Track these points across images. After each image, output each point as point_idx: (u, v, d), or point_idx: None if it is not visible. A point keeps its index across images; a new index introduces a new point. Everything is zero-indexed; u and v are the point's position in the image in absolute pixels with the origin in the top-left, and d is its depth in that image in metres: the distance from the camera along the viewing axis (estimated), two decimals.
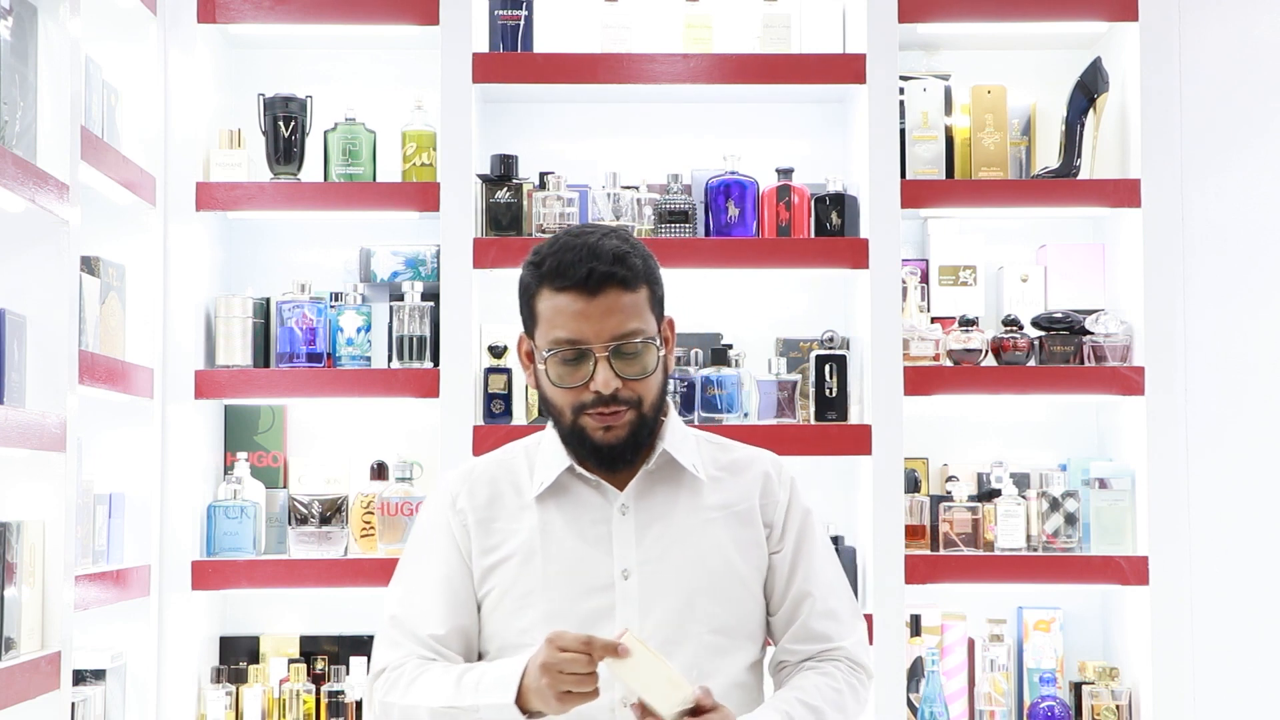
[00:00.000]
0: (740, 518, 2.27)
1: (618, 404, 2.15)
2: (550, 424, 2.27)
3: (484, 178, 3.59)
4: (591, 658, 1.98)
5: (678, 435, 2.27)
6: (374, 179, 3.66)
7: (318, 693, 3.55)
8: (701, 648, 2.19)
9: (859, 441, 3.54)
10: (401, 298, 3.59)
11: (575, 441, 2.20)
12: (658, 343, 2.19)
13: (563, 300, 2.15)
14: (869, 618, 3.43)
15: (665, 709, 2.00)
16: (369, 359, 3.61)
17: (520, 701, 2.06)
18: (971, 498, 3.64)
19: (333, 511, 3.57)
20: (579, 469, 2.23)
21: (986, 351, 3.61)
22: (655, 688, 2.00)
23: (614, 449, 2.18)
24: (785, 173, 3.66)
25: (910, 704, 3.53)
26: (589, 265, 2.14)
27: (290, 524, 3.58)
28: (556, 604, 2.18)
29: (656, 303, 2.22)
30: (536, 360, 2.21)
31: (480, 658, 2.26)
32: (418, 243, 3.72)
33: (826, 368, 3.58)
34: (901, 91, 3.65)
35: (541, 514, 2.23)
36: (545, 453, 2.27)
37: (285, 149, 3.63)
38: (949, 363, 3.61)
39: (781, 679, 2.29)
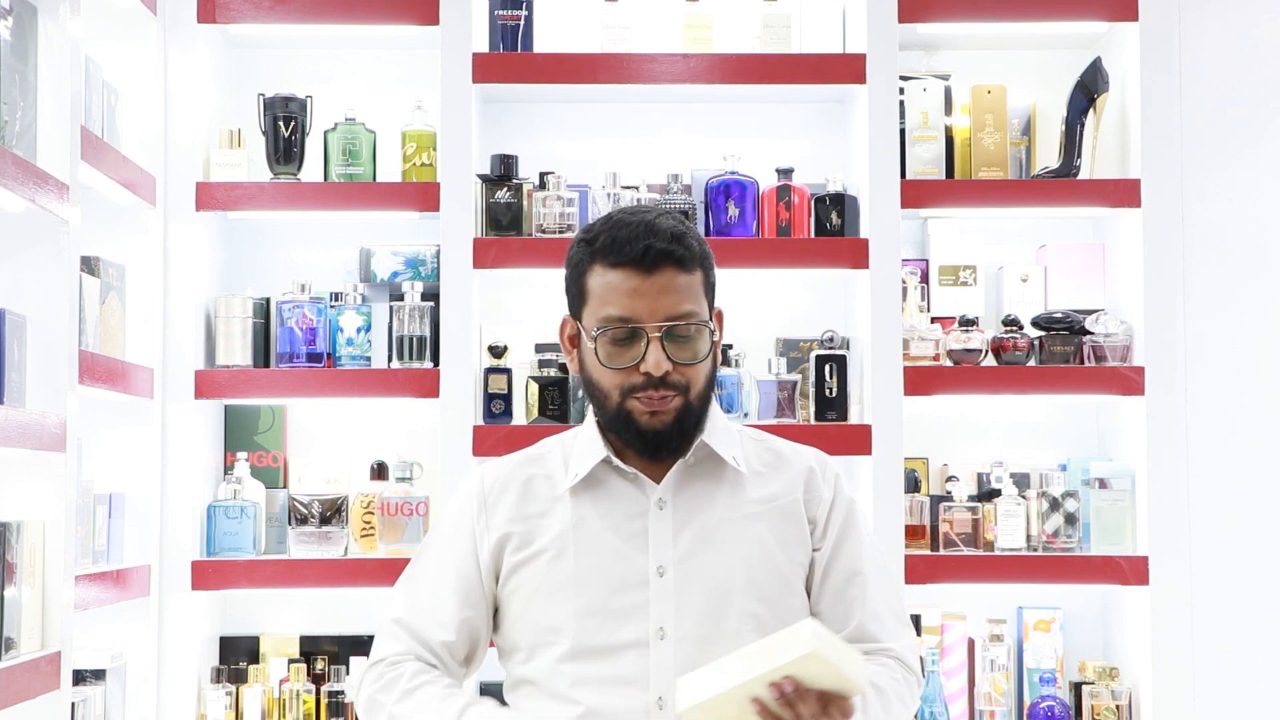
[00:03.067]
0: (783, 512, 2.17)
1: (666, 388, 2.07)
2: (589, 415, 2.20)
3: (484, 178, 3.59)
4: None
5: (718, 427, 2.18)
6: (374, 179, 3.65)
7: (318, 693, 3.55)
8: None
9: (859, 441, 3.53)
10: (401, 298, 3.59)
11: (620, 426, 2.11)
12: (712, 327, 2.11)
13: (616, 277, 2.07)
14: None
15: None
16: (369, 359, 3.61)
17: None
18: (971, 498, 3.64)
19: (333, 511, 3.57)
20: (615, 461, 2.15)
21: (986, 351, 3.61)
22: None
23: (660, 436, 2.10)
24: (785, 173, 3.65)
25: None
26: (646, 241, 2.05)
27: (290, 524, 3.58)
28: (589, 600, 2.10)
29: (710, 289, 2.13)
30: (584, 339, 2.12)
31: (508, 654, 2.19)
32: (418, 243, 3.72)
33: (826, 368, 3.58)
34: (901, 91, 3.65)
35: (575, 508, 2.15)
36: (581, 445, 2.18)
37: (285, 149, 3.63)
38: (949, 363, 3.61)
39: None
